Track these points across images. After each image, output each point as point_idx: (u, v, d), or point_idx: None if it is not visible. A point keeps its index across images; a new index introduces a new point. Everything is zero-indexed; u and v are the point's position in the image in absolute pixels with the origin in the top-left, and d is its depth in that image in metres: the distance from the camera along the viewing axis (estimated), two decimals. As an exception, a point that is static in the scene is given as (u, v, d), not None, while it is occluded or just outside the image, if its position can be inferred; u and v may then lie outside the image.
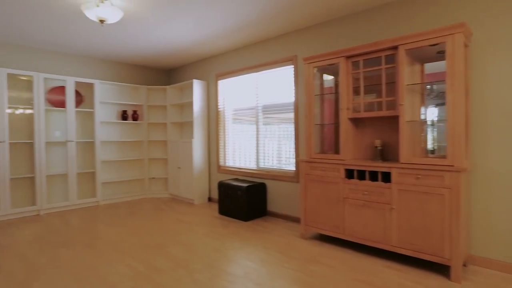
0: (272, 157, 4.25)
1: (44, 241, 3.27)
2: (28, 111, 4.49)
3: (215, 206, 4.78)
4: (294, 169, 3.93)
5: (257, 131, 4.41)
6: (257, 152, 4.42)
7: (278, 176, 4.07)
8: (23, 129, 4.45)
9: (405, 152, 2.60)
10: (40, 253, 2.94)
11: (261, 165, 4.38)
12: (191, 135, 5.44)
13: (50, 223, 3.92)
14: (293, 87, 3.90)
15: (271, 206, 4.19)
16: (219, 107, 4.97)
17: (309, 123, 3.28)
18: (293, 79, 3.90)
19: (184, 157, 5.07)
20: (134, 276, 2.45)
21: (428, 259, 2.43)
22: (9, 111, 4.30)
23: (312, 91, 3.28)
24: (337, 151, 3.44)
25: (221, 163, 4.96)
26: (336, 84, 3.52)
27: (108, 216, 4.24)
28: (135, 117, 5.41)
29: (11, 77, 4.34)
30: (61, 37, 4.10)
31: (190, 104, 5.43)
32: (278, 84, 4.15)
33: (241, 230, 3.59)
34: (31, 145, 4.51)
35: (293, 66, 3.91)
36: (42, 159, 4.37)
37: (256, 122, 4.42)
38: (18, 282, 2.36)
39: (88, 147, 5.06)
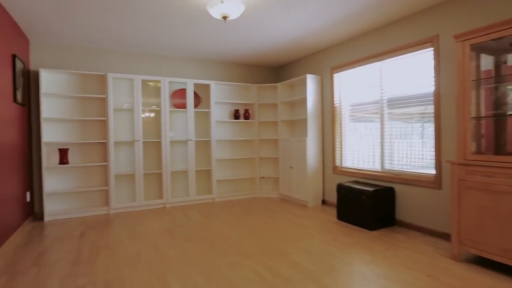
0: (402, 157, 3.64)
1: (172, 234, 3.44)
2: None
3: (331, 210, 4.40)
4: (434, 172, 3.25)
5: (382, 127, 3.85)
6: (382, 152, 3.86)
7: (411, 180, 3.45)
8: (151, 129, 4.90)
9: None
10: (170, 245, 3.07)
11: (387, 166, 3.80)
12: (303, 134, 5.19)
13: (175, 216, 4.17)
14: (433, 74, 3.24)
15: (401, 215, 3.59)
16: (334, 102, 4.57)
17: (463, 116, 2.61)
18: (434, 64, 3.23)
19: (297, 156, 4.84)
20: (260, 283, 2.27)
21: None
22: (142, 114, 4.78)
23: (467, 76, 2.60)
24: (501, 151, 2.65)
25: (337, 163, 4.54)
26: (497, 65, 2.74)
27: (225, 214, 4.30)
28: (246, 116, 5.45)
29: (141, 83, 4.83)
30: (183, 42, 4.33)
31: (301, 101, 5.18)
32: (410, 72, 3.53)
33: (368, 241, 3.12)
34: (158, 144, 4.94)
35: (432, 48, 3.24)
36: (167, 156, 4.72)
37: (381, 117, 3.87)
38: (155, 273, 2.44)
39: (204, 145, 5.30)
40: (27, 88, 4.09)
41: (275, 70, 6.01)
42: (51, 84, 4.29)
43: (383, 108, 3.85)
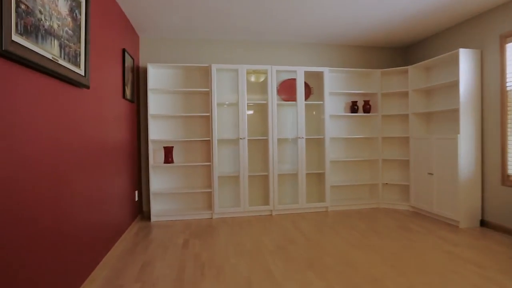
0: None
1: (286, 253, 2.76)
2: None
3: (503, 239, 3.10)
4: None
5: None
6: None
7: None
8: (254, 126, 4.36)
9: None
10: (287, 272, 2.39)
11: None
12: (449, 129, 3.94)
13: (285, 228, 3.51)
14: None
15: None
16: (506, 85, 3.24)
17: None
18: None
19: (441, 159, 3.65)
20: None
21: None
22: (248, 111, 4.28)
23: None
24: None
25: (511, 171, 3.21)
26: None
27: (345, 229, 3.44)
28: (366, 108, 4.46)
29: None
30: (292, 23, 3.62)
31: (446, 87, 3.94)
32: None
33: None
34: (263, 142, 4.38)
35: None
36: (275, 157, 4.11)
37: None
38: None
39: (315, 144, 4.53)
40: (136, 84, 3.98)
41: (403, 51, 4.84)
42: (157, 79, 4.13)
43: None
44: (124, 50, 3.32)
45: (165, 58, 4.19)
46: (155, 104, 4.11)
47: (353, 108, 4.47)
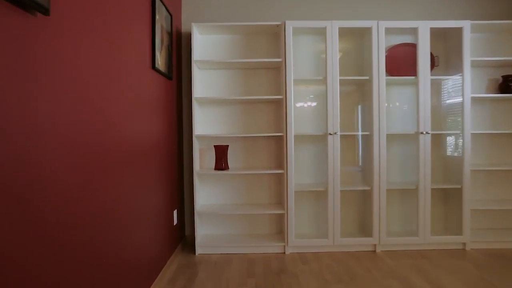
0: None
1: None
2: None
3: None
4: None
5: None
6: None
7: None
8: (344, 116, 2.91)
9: None
10: None
11: None
12: None
13: (410, 285, 2.04)
14: None
15: None
16: None
17: None
18: None
19: None
20: None
21: None
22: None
23: None
24: None
25: None
26: None
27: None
28: (530, 86, 2.78)
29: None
30: None
31: None
32: None
33: None
34: (361, 140, 2.92)
35: None
36: (382, 162, 2.63)
37: None
38: None
39: (438, 143, 2.96)
40: (176, 55, 2.75)
41: None
42: (205, 48, 2.87)
43: None
44: (154, -6, 2.09)
45: (216, 17, 2.92)
46: (203, 83, 2.87)
47: (505, 86, 2.80)
